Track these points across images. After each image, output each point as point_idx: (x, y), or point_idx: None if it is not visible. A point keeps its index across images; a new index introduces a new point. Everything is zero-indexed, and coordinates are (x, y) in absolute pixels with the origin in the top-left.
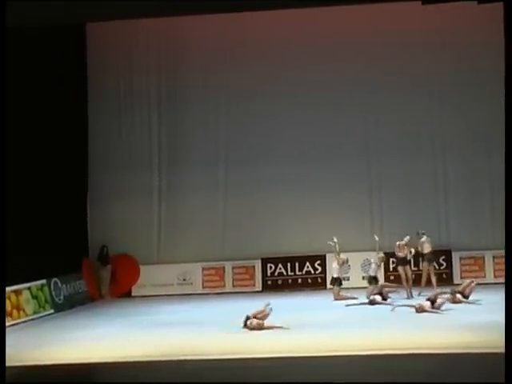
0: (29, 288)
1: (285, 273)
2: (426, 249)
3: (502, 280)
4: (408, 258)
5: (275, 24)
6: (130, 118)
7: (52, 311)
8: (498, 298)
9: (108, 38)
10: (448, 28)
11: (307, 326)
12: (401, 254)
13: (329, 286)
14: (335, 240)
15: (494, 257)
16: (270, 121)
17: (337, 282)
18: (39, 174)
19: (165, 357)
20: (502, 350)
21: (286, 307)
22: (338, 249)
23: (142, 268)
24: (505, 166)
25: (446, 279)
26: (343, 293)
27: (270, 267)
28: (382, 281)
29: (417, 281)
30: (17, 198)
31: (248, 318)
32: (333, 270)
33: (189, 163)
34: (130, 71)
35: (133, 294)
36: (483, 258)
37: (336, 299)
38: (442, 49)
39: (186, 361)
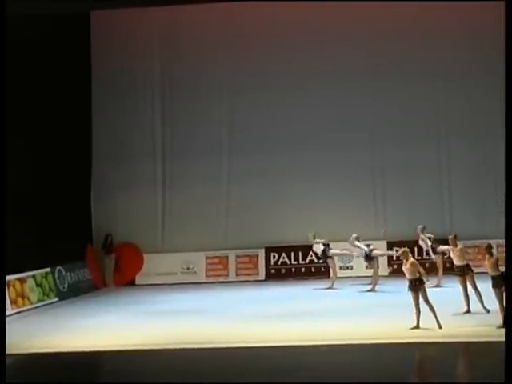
0: (33, 276)
1: (288, 262)
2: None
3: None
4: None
5: (277, 11)
6: (134, 107)
7: (56, 299)
8: None
9: (111, 27)
10: (453, 14)
11: (310, 314)
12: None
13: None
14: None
15: (498, 245)
16: (273, 110)
17: (327, 247)
18: (44, 163)
19: (168, 345)
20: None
21: (289, 296)
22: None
23: (146, 257)
24: (505, 166)
25: (449, 267)
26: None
27: (274, 256)
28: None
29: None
30: (21, 187)
31: None
32: (317, 248)
33: (192, 153)
34: (134, 61)
35: (136, 282)
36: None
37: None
38: (447, 35)
39: (189, 349)
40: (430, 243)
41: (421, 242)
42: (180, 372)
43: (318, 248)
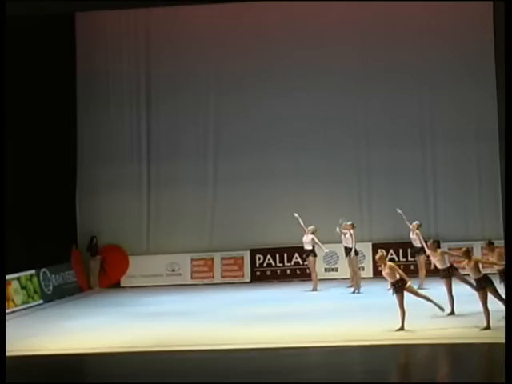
0: (18, 278)
1: (273, 264)
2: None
3: (489, 271)
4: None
5: (266, 12)
6: (120, 108)
7: (41, 302)
8: None
9: (97, 28)
10: (439, 17)
11: (296, 316)
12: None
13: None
14: (296, 215)
15: (482, 247)
16: (259, 112)
17: (312, 253)
18: (28, 166)
19: (153, 347)
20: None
21: (274, 298)
22: (301, 222)
23: (131, 259)
24: (505, 165)
25: (433, 270)
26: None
27: (259, 258)
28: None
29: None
30: (6, 189)
31: None
32: (304, 243)
33: (178, 154)
34: (119, 63)
35: (122, 284)
36: (471, 248)
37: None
38: (433, 37)
39: (174, 351)
40: (424, 242)
41: (413, 236)
42: (164, 374)
43: (309, 244)
